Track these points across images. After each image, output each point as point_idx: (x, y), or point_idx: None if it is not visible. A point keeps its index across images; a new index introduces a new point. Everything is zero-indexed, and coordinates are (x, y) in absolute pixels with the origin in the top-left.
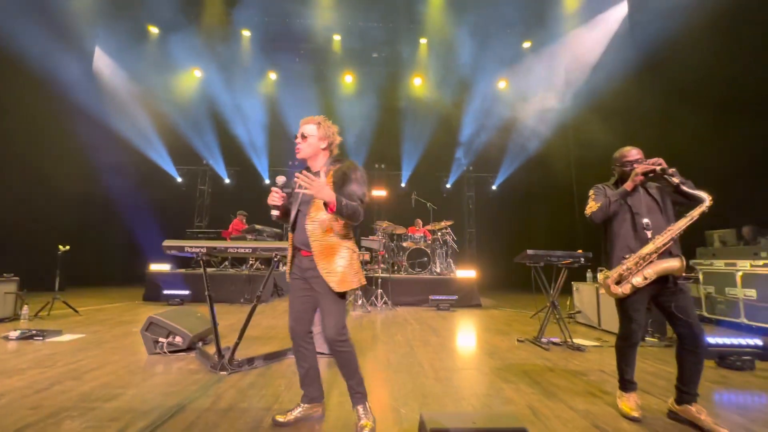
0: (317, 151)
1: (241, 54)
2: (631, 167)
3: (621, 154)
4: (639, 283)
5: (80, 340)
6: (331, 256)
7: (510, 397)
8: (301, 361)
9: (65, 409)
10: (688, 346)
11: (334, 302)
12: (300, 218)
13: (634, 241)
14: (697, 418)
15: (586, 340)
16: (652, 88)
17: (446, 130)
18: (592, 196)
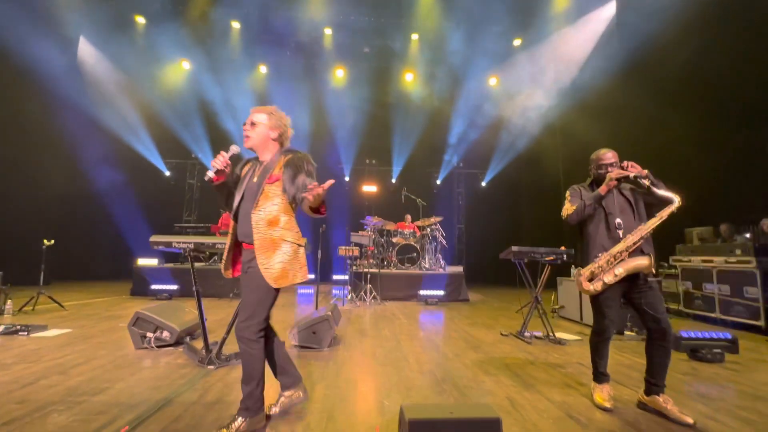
0: (267, 140)
1: (231, 46)
2: (605, 170)
3: (597, 156)
4: (610, 280)
5: (66, 335)
6: (272, 251)
7: (490, 389)
8: (267, 356)
9: (52, 403)
10: (657, 340)
11: (257, 297)
12: (242, 209)
13: (607, 240)
14: (664, 407)
15: (568, 334)
16: (639, 87)
17: (437, 126)
18: (568, 198)
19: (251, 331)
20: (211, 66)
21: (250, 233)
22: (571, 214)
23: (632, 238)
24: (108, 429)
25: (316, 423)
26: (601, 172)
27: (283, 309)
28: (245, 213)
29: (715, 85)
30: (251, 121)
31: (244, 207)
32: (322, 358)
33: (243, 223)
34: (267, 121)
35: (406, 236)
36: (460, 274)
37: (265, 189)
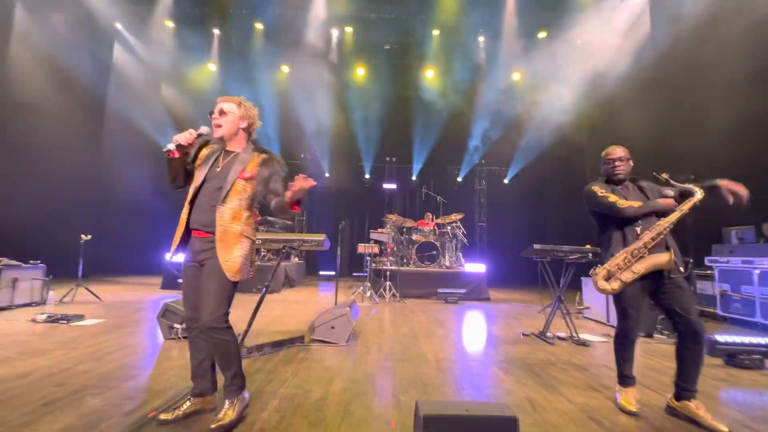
0: (237, 130)
1: (254, 47)
2: (612, 165)
3: (606, 152)
4: (628, 278)
5: (101, 324)
6: (233, 245)
7: (509, 388)
8: (195, 352)
9: (87, 387)
10: (688, 342)
11: (220, 287)
12: (204, 197)
13: (627, 237)
14: (695, 413)
15: (593, 335)
16: (673, 79)
17: (458, 122)
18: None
19: (221, 321)
20: (236, 68)
21: (210, 223)
22: (626, 208)
23: (650, 234)
24: (137, 413)
25: (333, 416)
26: (609, 168)
27: (303, 305)
28: (205, 200)
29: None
30: (220, 109)
31: (205, 194)
32: (340, 353)
33: (202, 210)
34: (237, 111)
35: (425, 234)
36: (481, 272)
37: (236, 183)
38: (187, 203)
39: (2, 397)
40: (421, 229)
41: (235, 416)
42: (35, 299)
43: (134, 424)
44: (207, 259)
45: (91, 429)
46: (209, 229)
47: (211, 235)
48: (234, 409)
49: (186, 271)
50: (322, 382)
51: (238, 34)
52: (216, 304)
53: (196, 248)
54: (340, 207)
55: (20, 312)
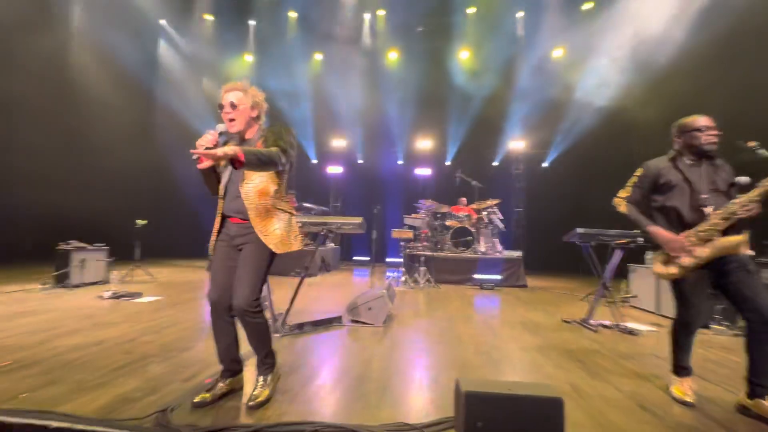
0: (249, 120)
1: (288, 36)
2: (701, 135)
3: (683, 122)
4: (689, 263)
5: (158, 301)
6: (269, 219)
7: (551, 373)
8: (220, 335)
9: (150, 356)
10: (759, 333)
11: (255, 270)
12: (231, 187)
13: (689, 218)
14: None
15: (641, 324)
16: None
17: (494, 104)
18: (633, 182)
19: (255, 305)
20: (271, 57)
21: (240, 209)
22: (620, 207)
23: (721, 212)
24: (195, 379)
25: (373, 392)
26: (695, 143)
27: (339, 288)
28: (233, 189)
29: None
30: (231, 103)
31: (232, 185)
32: (377, 333)
33: (232, 198)
34: (246, 100)
35: (460, 219)
36: (519, 258)
37: None
38: (221, 197)
39: (81, 361)
40: (456, 215)
41: (270, 393)
42: (100, 278)
43: (193, 389)
44: (243, 243)
45: (157, 392)
46: (242, 215)
47: (246, 221)
48: (268, 387)
49: (218, 251)
50: (361, 360)
51: (273, 23)
52: (251, 288)
53: (232, 232)
54: (373, 193)
55: (89, 289)
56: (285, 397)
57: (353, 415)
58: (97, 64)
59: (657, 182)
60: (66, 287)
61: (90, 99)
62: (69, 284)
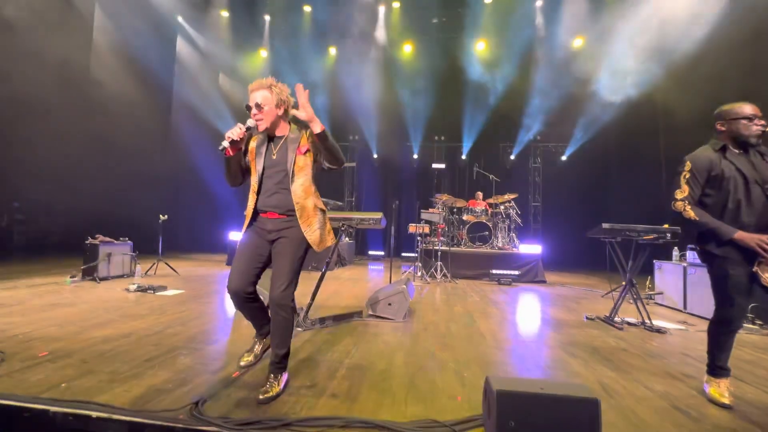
0: (276, 118)
1: (303, 31)
2: (746, 124)
3: (729, 108)
4: None
5: (182, 294)
6: (312, 218)
7: (577, 371)
8: (252, 315)
9: (178, 348)
10: None
11: (293, 263)
12: (268, 182)
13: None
14: None
15: (668, 322)
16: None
17: (511, 97)
18: (686, 177)
19: (289, 299)
20: (286, 52)
21: (281, 203)
22: (687, 212)
23: None
24: (222, 372)
25: (398, 387)
26: (740, 130)
27: (356, 283)
28: (273, 185)
29: None
30: (256, 104)
31: (271, 180)
32: (398, 328)
33: (271, 194)
34: (272, 99)
35: (477, 214)
36: (537, 254)
37: (297, 161)
38: (254, 193)
39: (114, 352)
40: (473, 209)
41: (280, 390)
42: (125, 271)
43: (221, 381)
44: (280, 237)
45: (187, 383)
46: (281, 211)
47: (284, 216)
48: (279, 384)
49: (247, 238)
50: (384, 355)
51: (288, 18)
52: (288, 282)
53: (268, 228)
54: (388, 187)
55: (115, 282)
56: (312, 392)
57: (381, 411)
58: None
59: (710, 174)
60: (94, 280)
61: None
62: (97, 277)
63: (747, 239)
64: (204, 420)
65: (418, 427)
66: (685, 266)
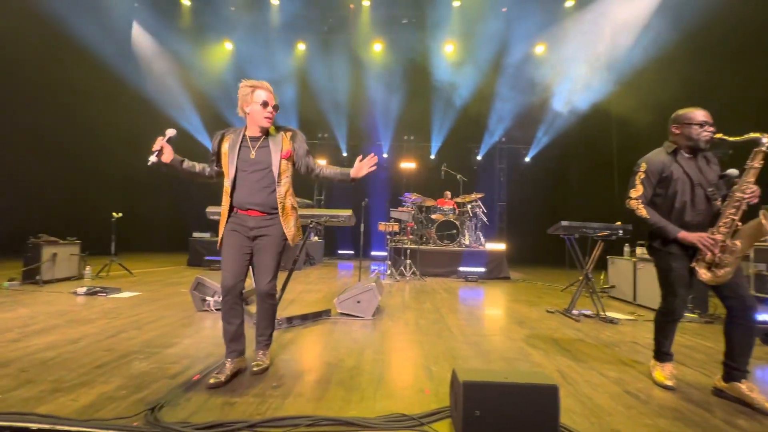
0: (244, 115)
1: (270, 25)
2: (698, 131)
3: (683, 113)
4: (731, 260)
5: (137, 297)
6: (290, 217)
7: (539, 361)
8: (232, 318)
9: (133, 353)
10: (739, 319)
11: (275, 259)
12: (245, 181)
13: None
14: (748, 395)
15: (620, 313)
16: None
17: (478, 99)
18: (640, 178)
19: (275, 288)
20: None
21: (264, 202)
22: (639, 210)
23: (730, 203)
24: (182, 376)
25: (367, 384)
26: (693, 131)
27: (325, 282)
28: (256, 184)
29: None
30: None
31: (248, 178)
32: (367, 326)
33: (254, 192)
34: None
35: (445, 213)
36: (501, 251)
37: (281, 164)
38: (228, 192)
39: (58, 360)
40: (441, 208)
41: (269, 362)
42: (73, 273)
43: (181, 386)
44: (263, 235)
45: (143, 389)
46: (264, 209)
47: (265, 214)
48: (267, 357)
49: (232, 240)
50: (353, 352)
51: (254, 11)
52: (273, 274)
53: (249, 225)
54: (358, 186)
55: (62, 285)
56: (278, 392)
57: (350, 407)
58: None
59: (661, 175)
60: (36, 283)
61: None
62: (40, 280)
63: (689, 237)
64: (161, 426)
65: (387, 422)
66: (635, 261)
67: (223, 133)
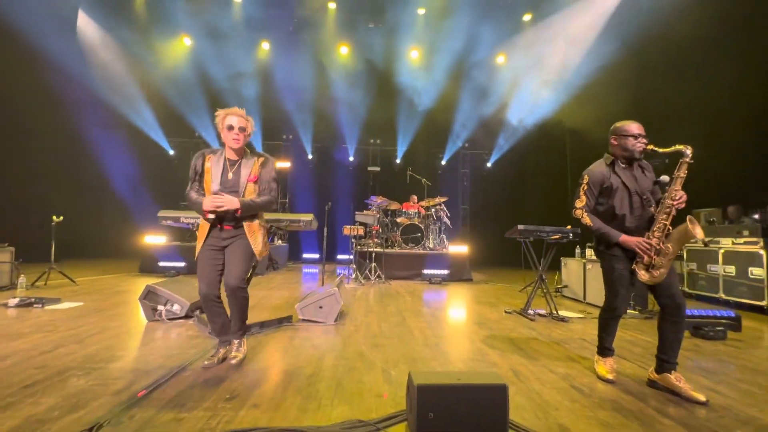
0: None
1: (232, 22)
2: (633, 143)
3: (621, 125)
4: (664, 262)
5: (79, 307)
6: (257, 234)
7: (495, 361)
8: (215, 317)
9: (70, 369)
10: (670, 315)
11: (244, 259)
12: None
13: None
14: (676, 385)
15: (571, 312)
16: (648, 64)
17: (443, 105)
18: (584, 189)
19: (244, 282)
20: (213, 42)
21: (233, 219)
22: (584, 218)
23: (662, 209)
24: (126, 392)
25: (325, 390)
26: (628, 142)
27: (288, 287)
28: None
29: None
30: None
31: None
32: (328, 331)
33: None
34: (248, 128)
35: (410, 216)
36: (464, 254)
37: (248, 187)
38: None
39: None
40: (406, 212)
41: (245, 352)
42: (4, 283)
43: (124, 403)
44: (233, 242)
45: (80, 409)
46: (234, 224)
47: (231, 228)
48: (243, 347)
49: (206, 255)
50: (313, 359)
51: (215, 6)
52: (242, 270)
53: (224, 236)
54: (323, 189)
55: None
56: (231, 404)
57: (306, 416)
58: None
59: (602, 186)
60: None
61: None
62: None
63: (629, 242)
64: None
65: (343, 429)
66: (584, 263)
67: (204, 154)
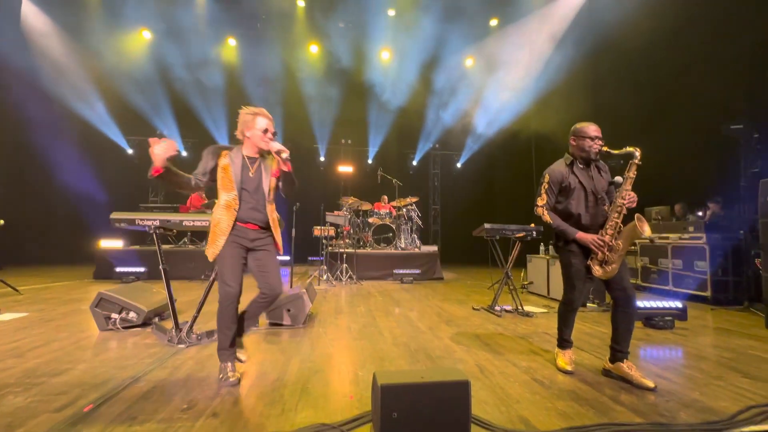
0: (243, 139)
1: (196, 15)
2: (589, 144)
3: (580, 127)
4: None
5: (22, 319)
6: (278, 227)
7: (461, 357)
8: (231, 324)
9: (7, 386)
10: (622, 308)
11: (278, 266)
12: (249, 197)
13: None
14: (628, 373)
15: (535, 307)
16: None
17: (413, 106)
18: (545, 188)
19: None
20: (175, 37)
21: (263, 218)
22: (544, 216)
23: (613, 208)
24: (70, 408)
25: (290, 395)
26: (584, 146)
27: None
28: (253, 201)
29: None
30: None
31: (251, 195)
32: (297, 334)
33: (252, 208)
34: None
35: (382, 216)
36: (435, 253)
37: (272, 182)
38: (231, 207)
39: None
40: (378, 212)
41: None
42: None
43: (67, 419)
44: (264, 244)
45: (15, 428)
46: (261, 224)
47: (261, 228)
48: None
49: (232, 251)
50: (278, 364)
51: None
52: (281, 277)
53: (250, 236)
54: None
55: None
56: (188, 414)
57: (268, 423)
58: None
59: (561, 185)
60: None
61: None
62: None
63: (585, 239)
64: None
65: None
66: (548, 259)
67: (220, 150)
